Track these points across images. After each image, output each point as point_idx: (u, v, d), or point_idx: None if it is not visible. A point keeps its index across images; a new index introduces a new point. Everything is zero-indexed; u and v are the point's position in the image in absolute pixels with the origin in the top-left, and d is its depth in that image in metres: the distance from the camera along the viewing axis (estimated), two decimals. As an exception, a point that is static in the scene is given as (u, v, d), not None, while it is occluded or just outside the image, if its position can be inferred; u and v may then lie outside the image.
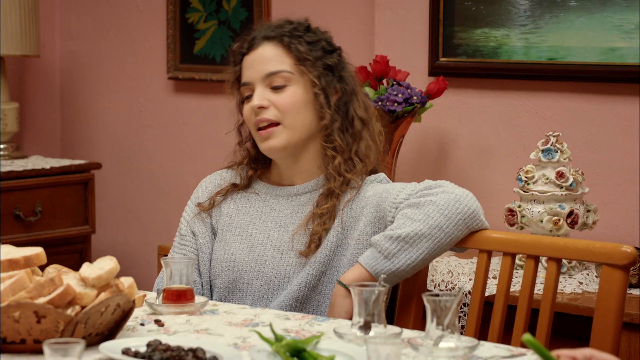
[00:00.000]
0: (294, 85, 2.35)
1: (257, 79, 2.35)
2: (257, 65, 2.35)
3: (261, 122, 2.34)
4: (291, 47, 2.35)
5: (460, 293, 1.85)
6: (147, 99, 4.15)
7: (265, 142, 2.34)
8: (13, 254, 1.96)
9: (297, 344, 1.79)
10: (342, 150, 2.35)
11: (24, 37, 3.89)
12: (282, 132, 2.33)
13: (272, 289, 2.32)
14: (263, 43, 2.37)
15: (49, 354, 1.60)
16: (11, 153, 3.99)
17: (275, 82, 2.34)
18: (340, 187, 2.33)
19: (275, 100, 2.34)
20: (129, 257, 4.15)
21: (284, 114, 2.33)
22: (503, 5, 3.24)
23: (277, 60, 2.35)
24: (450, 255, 3.15)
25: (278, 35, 2.36)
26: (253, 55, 2.37)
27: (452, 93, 3.34)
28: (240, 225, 2.40)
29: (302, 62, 2.35)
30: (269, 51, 2.36)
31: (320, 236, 2.30)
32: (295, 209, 2.37)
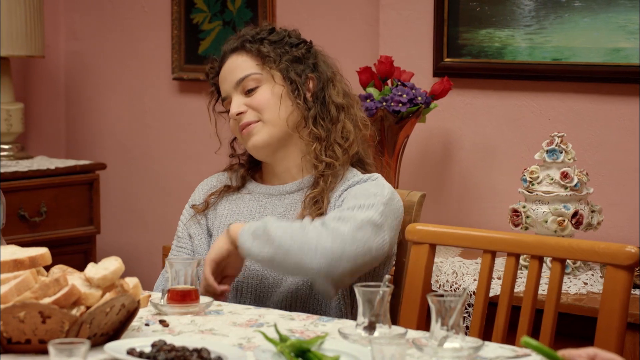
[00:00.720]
0: (264, 84, 2.40)
1: (231, 89, 2.42)
2: (227, 77, 2.43)
3: (243, 127, 2.40)
4: (253, 50, 2.41)
5: (464, 293, 1.85)
6: (151, 100, 4.15)
7: (248, 140, 2.40)
8: (18, 254, 1.96)
9: (302, 345, 1.79)
10: (319, 138, 2.39)
11: (29, 37, 3.89)
12: (262, 128, 2.39)
13: (267, 286, 2.34)
14: (230, 56, 2.44)
15: (54, 354, 1.61)
16: (16, 153, 3.99)
17: (247, 86, 2.40)
18: (324, 172, 2.36)
19: (250, 102, 2.40)
20: (134, 258, 4.15)
21: (260, 111, 2.39)
22: (508, 6, 3.24)
23: (243, 66, 2.41)
24: (454, 256, 3.15)
25: (241, 44, 2.43)
26: (223, 70, 2.44)
27: (457, 93, 3.34)
28: None
29: (265, 60, 2.40)
30: (235, 61, 2.43)
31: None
32: (287, 207, 2.39)
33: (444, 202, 3.41)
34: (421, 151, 3.44)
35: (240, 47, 2.43)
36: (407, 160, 3.36)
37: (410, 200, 2.46)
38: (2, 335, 1.82)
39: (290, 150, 2.41)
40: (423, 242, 2.32)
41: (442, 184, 3.43)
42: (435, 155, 3.43)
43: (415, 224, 2.35)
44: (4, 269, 1.93)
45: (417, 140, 3.39)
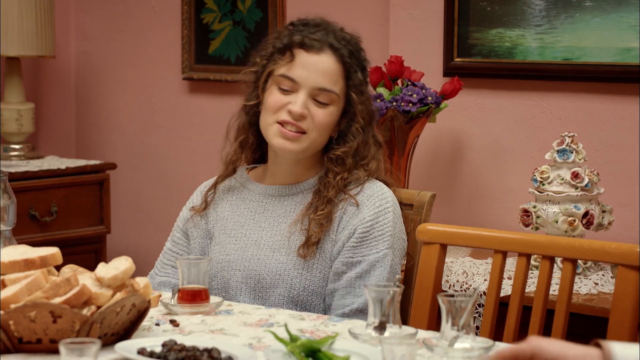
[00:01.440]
0: (334, 106, 2.36)
1: (307, 85, 2.34)
2: (313, 72, 2.34)
3: (292, 125, 2.33)
4: (350, 72, 2.36)
5: (475, 294, 1.84)
6: (161, 100, 4.15)
7: (284, 141, 2.34)
8: (29, 254, 1.96)
9: (312, 344, 1.79)
10: (350, 169, 2.36)
11: (40, 38, 3.90)
12: (305, 141, 2.34)
13: (265, 287, 2.33)
14: (327, 51, 2.35)
15: (65, 354, 1.61)
16: (27, 153, 4.00)
17: (320, 97, 2.34)
18: (336, 195, 2.34)
19: (315, 113, 2.34)
20: (144, 257, 4.16)
21: (316, 128, 2.34)
22: (518, 6, 3.24)
23: (334, 79, 2.35)
24: (465, 256, 3.14)
25: (342, 52, 2.35)
26: (313, 58, 2.35)
27: (467, 93, 3.33)
28: (235, 227, 2.41)
29: (354, 91, 2.36)
30: (330, 65, 2.35)
31: (319, 239, 2.31)
32: (287, 209, 2.38)
33: (454, 202, 3.41)
34: (431, 151, 3.44)
35: (340, 53, 2.35)
36: (418, 160, 3.36)
37: (420, 200, 2.46)
38: (13, 334, 1.82)
39: (303, 161, 2.39)
40: (433, 242, 2.31)
41: (452, 184, 3.42)
42: (445, 155, 3.43)
43: (426, 224, 2.35)
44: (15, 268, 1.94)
45: (427, 140, 3.39)
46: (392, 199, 2.35)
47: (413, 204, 2.45)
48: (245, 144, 2.46)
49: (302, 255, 2.31)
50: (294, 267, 2.32)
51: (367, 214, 2.32)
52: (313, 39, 2.35)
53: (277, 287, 2.32)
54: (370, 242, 2.31)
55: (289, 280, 2.31)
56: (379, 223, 2.31)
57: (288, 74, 2.35)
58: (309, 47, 2.35)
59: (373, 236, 2.31)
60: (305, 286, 2.31)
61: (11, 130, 3.98)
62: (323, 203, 2.33)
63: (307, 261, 2.31)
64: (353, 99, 2.36)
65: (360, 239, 2.31)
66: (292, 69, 2.35)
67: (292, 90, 2.34)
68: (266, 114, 2.37)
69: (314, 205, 2.34)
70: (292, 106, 2.32)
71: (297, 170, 2.40)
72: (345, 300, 2.29)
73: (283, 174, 2.41)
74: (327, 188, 2.34)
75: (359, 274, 2.29)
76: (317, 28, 2.38)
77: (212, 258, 2.38)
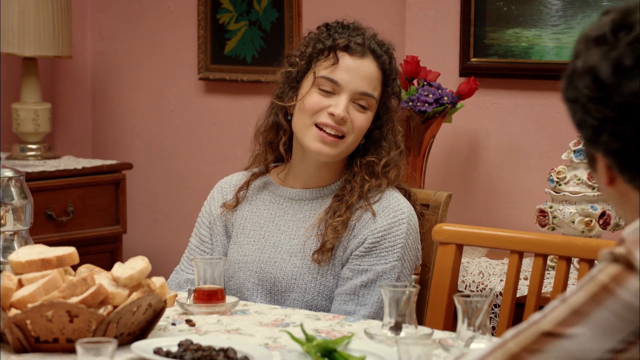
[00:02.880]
0: (371, 112, 2.36)
1: (349, 89, 2.33)
2: (355, 77, 2.33)
3: (332, 128, 2.31)
4: (390, 79, 2.37)
5: (491, 294, 1.84)
6: (177, 100, 4.16)
7: (322, 145, 2.31)
8: (46, 254, 1.97)
9: (328, 345, 1.79)
10: (376, 177, 2.35)
11: (56, 38, 3.91)
12: (342, 146, 2.33)
13: (281, 290, 2.32)
14: (369, 56, 2.35)
15: (82, 353, 1.61)
16: (43, 153, 4.01)
17: (360, 102, 2.34)
18: (358, 201, 2.33)
19: (354, 118, 2.33)
20: (160, 257, 4.16)
21: (354, 132, 2.33)
22: (535, 6, 3.23)
23: (374, 84, 2.35)
24: (481, 256, 3.14)
25: (383, 58, 2.36)
26: (356, 62, 2.34)
27: (483, 93, 3.33)
28: (254, 227, 2.40)
29: (393, 97, 2.37)
30: (372, 70, 2.35)
31: (333, 245, 2.30)
32: (307, 213, 2.37)
33: (470, 203, 3.40)
34: (447, 151, 3.43)
35: (382, 59, 2.35)
36: (433, 160, 3.36)
37: (436, 200, 2.45)
38: (30, 334, 1.83)
39: (330, 166, 2.38)
40: (450, 243, 2.31)
41: (468, 184, 3.42)
42: (461, 155, 3.42)
43: (442, 224, 2.35)
44: (31, 268, 1.94)
45: (443, 140, 3.38)
46: (407, 211, 2.33)
47: (429, 204, 2.45)
48: (275, 145, 2.42)
49: (316, 261, 2.30)
50: (308, 272, 2.31)
51: (380, 224, 2.31)
52: (357, 43, 2.35)
53: (292, 292, 2.32)
54: (380, 252, 2.29)
55: (303, 285, 2.31)
56: (391, 234, 2.30)
57: (331, 76, 2.33)
58: (353, 51, 2.34)
59: (383, 246, 2.30)
60: (320, 291, 2.30)
61: (28, 130, 3.99)
62: (343, 208, 2.32)
63: (322, 267, 2.31)
64: (391, 106, 2.37)
65: (370, 248, 2.30)
66: (336, 71, 2.34)
67: (334, 92, 2.33)
68: (303, 116, 2.34)
69: (333, 209, 2.33)
70: (334, 109, 2.31)
71: (321, 174, 2.38)
72: (347, 307, 2.27)
73: (307, 177, 2.39)
74: (352, 193, 2.33)
75: (364, 283, 2.28)
76: (357, 32, 2.38)
77: (228, 258, 2.38)
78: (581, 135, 1.44)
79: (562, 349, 1.32)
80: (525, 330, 1.35)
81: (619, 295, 1.30)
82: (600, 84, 1.38)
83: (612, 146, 1.39)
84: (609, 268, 1.32)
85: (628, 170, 1.40)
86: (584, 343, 1.31)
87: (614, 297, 1.30)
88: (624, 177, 1.40)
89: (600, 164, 1.43)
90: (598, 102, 1.39)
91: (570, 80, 1.44)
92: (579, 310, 1.32)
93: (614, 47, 1.38)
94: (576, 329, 1.32)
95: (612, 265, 1.32)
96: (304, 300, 2.30)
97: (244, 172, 2.49)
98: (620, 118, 1.37)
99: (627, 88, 1.36)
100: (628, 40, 1.37)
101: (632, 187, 1.41)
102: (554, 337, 1.32)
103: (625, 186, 1.41)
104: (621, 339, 1.30)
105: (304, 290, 2.31)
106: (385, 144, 2.37)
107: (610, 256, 1.32)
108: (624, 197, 1.42)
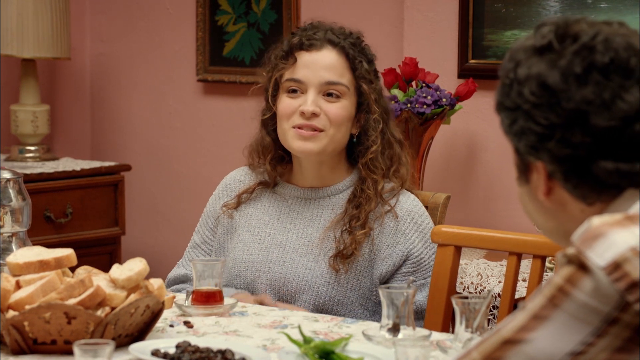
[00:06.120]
0: (346, 100, 2.34)
1: (314, 83, 2.33)
2: (317, 69, 2.33)
3: (307, 127, 2.31)
4: (355, 62, 2.34)
5: (489, 295, 1.84)
6: (176, 101, 4.16)
7: (302, 142, 2.32)
8: (44, 255, 1.97)
9: (326, 346, 1.79)
10: (383, 175, 2.35)
11: (55, 39, 3.91)
12: (323, 139, 2.32)
13: (290, 291, 2.31)
14: (327, 47, 2.35)
15: (79, 355, 1.61)
16: (42, 155, 4.01)
17: (329, 92, 2.33)
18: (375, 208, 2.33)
19: (328, 110, 2.32)
20: (159, 259, 4.16)
21: (332, 124, 2.32)
22: (533, 7, 3.23)
23: (339, 72, 2.33)
24: (479, 258, 3.14)
25: (342, 45, 2.34)
26: (315, 56, 2.34)
27: (482, 95, 3.33)
28: (259, 225, 2.39)
29: (363, 80, 2.34)
30: (332, 59, 2.34)
31: (352, 253, 2.30)
32: (314, 213, 2.37)
33: (469, 204, 3.40)
34: (446, 153, 3.43)
35: (341, 46, 2.34)
36: (432, 162, 3.36)
37: (435, 201, 2.45)
38: (28, 335, 1.83)
39: (329, 163, 2.37)
40: (448, 244, 2.31)
41: (467, 186, 3.42)
42: (459, 156, 3.42)
43: (441, 225, 2.35)
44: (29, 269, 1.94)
45: (441, 141, 3.38)
46: (427, 213, 2.37)
47: (427, 205, 2.45)
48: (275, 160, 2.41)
49: (335, 268, 2.29)
50: (321, 276, 2.30)
51: (414, 237, 2.32)
52: (311, 38, 2.35)
53: (303, 294, 2.31)
54: (427, 263, 2.33)
55: (315, 288, 2.30)
56: (427, 242, 2.33)
57: (293, 76, 2.34)
58: (308, 46, 2.34)
59: (428, 257, 2.33)
60: (332, 296, 2.30)
61: (27, 131, 3.99)
62: (362, 218, 2.30)
63: (339, 275, 2.30)
64: (364, 89, 2.34)
65: (417, 263, 2.33)
66: (296, 70, 2.34)
67: (301, 91, 2.33)
68: (281, 122, 2.35)
69: (349, 215, 2.32)
70: (303, 106, 2.31)
71: (322, 173, 2.38)
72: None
73: (309, 176, 2.38)
74: (368, 201, 2.32)
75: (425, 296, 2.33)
76: (315, 29, 2.38)
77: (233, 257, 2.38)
78: (518, 145, 1.45)
79: (523, 354, 1.32)
80: (488, 339, 1.35)
81: (575, 296, 1.30)
82: (548, 90, 1.40)
83: (560, 152, 1.40)
84: (563, 270, 1.32)
85: (575, 177, 1.41)
86: (544, 347, 1.31)
87: (570, 299, 1.30)
88: (567, 184, 1.42)
89: (536, 174, 1.45)
90: (545, 108, 1.41)
91: (509, 88, 1.48)
92: (537, 315, 1.32)
93: (561, 55, 1.41)
94: (535, 333, 1.32)
95: (566, 267, 1.32)
96: (315, 303, 2.30)
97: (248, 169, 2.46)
98: (569, 124, 1.39)
99: (577, 94, 1.38)
100: (575, 49, 1.40)
101: (572, 196, 1.42)
102: (514, 343, 1.33)
103: (564, 195, 1.43)
104: (580, 341, 1.30)
105: (316, 294, 2.29)
106: (372, 132, 2.35)
107: (564, 258, 1.33)
108: (561, 206, 1.44)
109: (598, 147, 1.38)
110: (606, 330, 1.29)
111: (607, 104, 1.38)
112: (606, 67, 1.39)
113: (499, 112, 1.49)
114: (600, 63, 1.39)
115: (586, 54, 1.40)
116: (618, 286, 1.28)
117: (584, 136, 1.39)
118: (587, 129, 1.39)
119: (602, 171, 1.39)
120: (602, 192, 1.41)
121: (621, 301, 1.28)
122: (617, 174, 1.39)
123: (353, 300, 2.30)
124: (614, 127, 1.38)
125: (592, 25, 1.44)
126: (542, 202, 1.46)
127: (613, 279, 1.28)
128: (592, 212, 1.42)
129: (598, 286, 1.29)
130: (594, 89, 1.38)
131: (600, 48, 1.40)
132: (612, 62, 1.39)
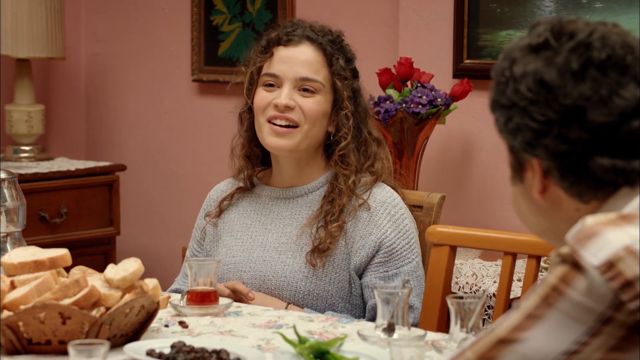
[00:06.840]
0: (321, 96, 2.35)
1: (289, 78, 2.35)
2: (293, 64, 2.35)
3: (281, 119, 2.34)
4: (332, 59, 2.36)
5: (484, 295, 1.84)
6: (171, 101, 4.16)
7: (276, 138, 2.34)
8: (38, 255, 1.97)
9: (321, 346, 1.79)
10: (356, 170, 2.35)
11: (50, 39, 3.91)
12: (297, 135, 2.34)
13: (271, 288, 2.33)
14: (304, 42, 2.36)
15: (74, 355, 1.61)
16: (37, 155, 4.01)
17: (304, 87, 2.34)
18: (349, 202, 2.34)
19: (303, 104, 2.34)
20: (154, 259, 4.16)
21: (306, 119, 2.34)
22: (528, 7, 3.23)
23: (315, 68, 2.35)
24: (474, 258, 3.14)
25: (320, 41, 2.36)
26: (291, 51, 2.36)
27: (477, 95, 3.33)
28: (241, 228, 2.41)
29: (337, 77, 2.35)
30: (309, 54, 2.36)
31: (328, 248, 2.30)
32: (293, 211, 2.38)
33: (464, 204, 3.41)
34: (441, 153, 3.43)
35: (319, 43, 2.35)
36: (427, 162, 3.36)
37: (430, 201, 2.45)
38: (23, 335, 1.82)
39: (306, 161, 2.38)
40: (443, 244, 2.31)
41: (462, 186, 3.42)
42: (455, 156, 3.43)
43: (436, 225, 2.35)
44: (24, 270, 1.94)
45: (436, 141, 3.38)
46: (402, 203, 2.36)
47: (422, 205, 2.45)
48: (251, 156, 2.45)
49: (312, 263, 2.31)
50: (299, 271, 2.31)
51: (387, 226, 2.32)
52: (290, 33, 2.37)
53: (283, 290, 2.32)
54: (400, 253, 2.32)
55: (294, 283, 2.31)
56: (401, 232, 2.32)
57: (269, 70, 2.37)
58: (286, 42, 2.37)
59: (401, 246, 2.32)
60: (310, 290, 2.31)
61: (21, 131, 3.99)
62: (336, 213, 2.32)
63: (317, 269, 2.31)
64: (337, 85, 2.36)
65: (389, 253, 2.31)
66: (273, 65, 2.37)
67: (277, 86, 2.36)
68: (257, 116, 2.38)
69: (324, 211, 2.34)
70: (277, 99, 2.34)
71: (299, 170, 2.39)
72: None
73: (287, 176, 2.40)
74: (340, 195, 2.33)
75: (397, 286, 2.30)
76: (295, 26, 2.39)
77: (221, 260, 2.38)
78: (513, 143, 1.46)
79: (517, 354, 1.32)
80: (483, 338, 1.35)
81: (569, 295, 1.30)
82: (545, 87, 1.41)
83: (557, 149, 1.41)
84: (557, 269, 1.32)
85: (571, 174, 1.41)
86: (539, 346, 1.31)
87: (564, 298, 1.30)
88: (563, 182, 1.42)
89: (530, 172, 1.45)
90: (542, 104, 1.41)
91: (505, 86, 1.48)
92: (531, 314, 1.32)
93: (558, 52, 1.41)
94: (530, 332, 1.32)
95: (560, 266, 1.32)
96: (295, 299, 2.31)
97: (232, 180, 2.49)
98: (566, 119, 1.39)
99: (575, 90, 1.39)
100: (571, 46, 1.41)
101: (567, 194, 1.42)
102: (508, 343, 1.33)
103: (558, 193, 1.43)
104: (575, 340, 1.30)
105: (295, 289, 2.31)
106: (342, 128, 2.36)
107: (558, 258, 1.33)
108: (555, 205, 1.44)
109: (595, 143, 1.39)
110: (600, 329, 1.29)
111: (604, 100, 1.38)
112: (603, 64, 1.39)
113: (494, 110, 1.49)
114: (598, 59, 1.39)
115: (583, 50, 1.40)
116: (612, 285, 1.28)
117: (581, 132, 1.39)
118: (584, 125, 1.39)
119: (599, 167, 1.39)
120: (598, 190, 1.41)
121: (615, 300, 1.28)
122: (613, 171, 1.39)
123: (333, 294, 2.31)
124: (611, 123, 1.38)
125: (588, 24, 1.44)
126: (536, 201, 1.46)
127: (607, 278, 1.29)
128: (587, 210, 1.42)
129: (592, 285, 1.29)
130: (591, 85, 1.39)
131: (597, 45, 1.40)
132: (609, 59, 1.40)
